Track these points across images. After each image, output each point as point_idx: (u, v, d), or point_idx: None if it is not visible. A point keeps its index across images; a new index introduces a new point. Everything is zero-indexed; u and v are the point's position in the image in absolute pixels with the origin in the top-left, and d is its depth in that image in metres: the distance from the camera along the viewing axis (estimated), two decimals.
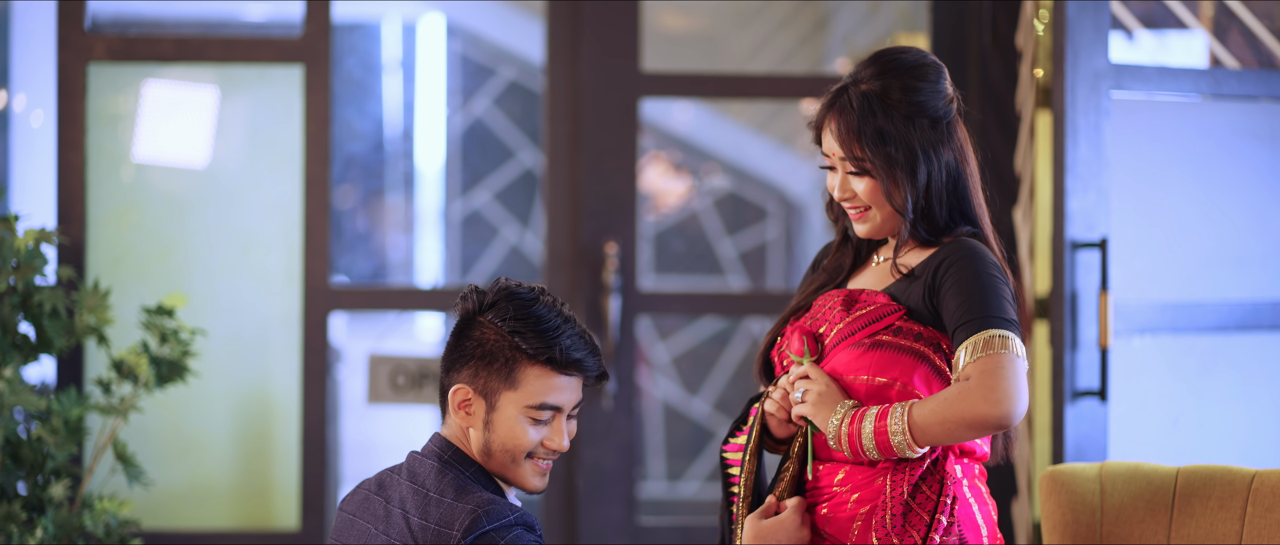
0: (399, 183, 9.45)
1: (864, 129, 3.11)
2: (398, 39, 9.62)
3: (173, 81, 5.24)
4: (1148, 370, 4.63)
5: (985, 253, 3.09)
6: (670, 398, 8.69)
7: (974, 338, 3.00)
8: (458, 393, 3.09)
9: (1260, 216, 4.79)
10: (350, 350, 8.21)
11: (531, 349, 3.05)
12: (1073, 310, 4.47)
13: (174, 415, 5.14)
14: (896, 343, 3.09)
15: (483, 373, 3.07)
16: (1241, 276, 4.75)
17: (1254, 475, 3.41)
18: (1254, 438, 4.72)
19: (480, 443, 3.09)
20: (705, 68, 8.17)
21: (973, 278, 3.04)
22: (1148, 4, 5.01)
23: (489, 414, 3.07)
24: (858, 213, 3.18)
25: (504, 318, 3.07)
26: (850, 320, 3.12)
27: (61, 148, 5.05)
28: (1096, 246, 4.47)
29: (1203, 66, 5.01)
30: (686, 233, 8.98)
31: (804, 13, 7.74)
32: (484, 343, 3.07)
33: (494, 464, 3.10)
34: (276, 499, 5.20)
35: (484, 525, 2.98)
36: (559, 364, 3.07)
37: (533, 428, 3.08)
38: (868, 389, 3.09)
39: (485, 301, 3.10)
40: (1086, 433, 4.46)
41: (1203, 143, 4.75)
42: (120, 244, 5.13)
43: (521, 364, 3.06)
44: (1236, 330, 4.71)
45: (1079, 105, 4.48)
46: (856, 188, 3.16)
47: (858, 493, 3.12)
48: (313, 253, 5.10)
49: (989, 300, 3.02)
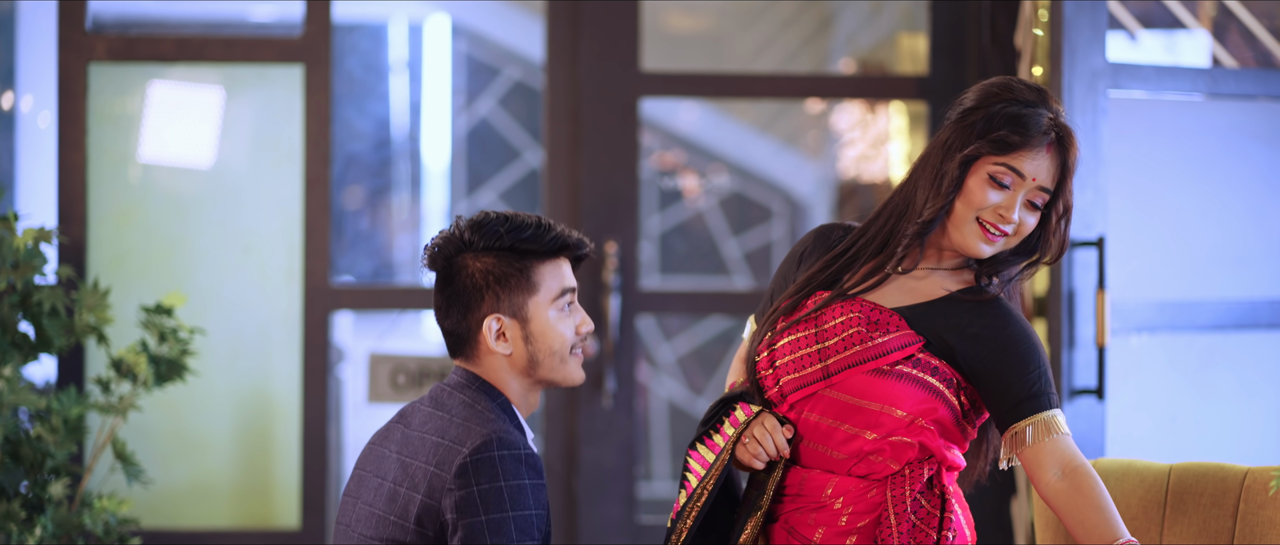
0: (405, 182, 9.46)
1: (1072, 169, 3.14)
2: (404, 39, 9.63)
3: (178, 82, 5.26)
4: (1146, 368, 4.63)
5: (1027, 324, 3.15)
6: (675, 397, 8.69)
7: (1033, 420, 3.09)
8: (490, 325, 3.12)
9: (1258, 215, 4.79)
10: (355, 349, 8.23)
11: (536, 247, 3.12)
12: (1070, 309, 4.48)
13: (175, 414, 5.15)
14: (914, 375, 3.12)
15: (504, 294, 3.12)
16: (1239, 275, 4.75)
17: (1246, 472, 3.42)
18: (1252, 436, 4.73)
19: (525, 359, 3.14)
20: (709, 67, 8.18)
21: (1028, 354, 3.10)
22: (1147, 4, 5.02)
23: (525, 328, 3.13)
24: (1005, 240, 3.15)
25: (491, 239, 3.12)
26: (871, 346, 3.12)
27: (62, 148, 5.07)
28: (1094, 245, 4.48)
29: (1203, 66, 5.01)
30: (692, 233, 8.99)
31: (808, 13, 7.75)
32: (486, 271, 3.12)
33: (541, 372, 3.15)
34: (277, 498, 5.21)
35: (492, 449, 3.02)
36: (559, 248, 3.14)
37: (564, 320, 3.14)
38: (895, 421, 3.11)
39: (458, 241, 3.14)
40: (1084, 431, 4.47)
41: (1201, 142, 4.75)
42: (122, 243, 5.15)
43: (533, 265, 3.13)
44: (1234, 329, 4.71)
45: (1076, 104, 4.48)
46: (1029, 221, 3.14)
47: (852, 506, 3.13)
48: (313, 252, 5.11)
49: (1042, 378, 3.11)
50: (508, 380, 3.16)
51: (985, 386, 3.10)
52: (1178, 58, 5.09)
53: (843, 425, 3.13)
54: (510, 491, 3.01)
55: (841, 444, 3.13)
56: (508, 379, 3.16)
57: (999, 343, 3.09)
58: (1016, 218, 3.11)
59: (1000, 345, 3.09)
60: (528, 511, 3.02)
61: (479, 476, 3.02)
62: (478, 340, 3.15)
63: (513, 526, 3.00)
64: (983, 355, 3.09)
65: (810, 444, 3.16)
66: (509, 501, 3.01)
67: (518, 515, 3.01)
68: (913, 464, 3.12)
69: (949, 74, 5.26)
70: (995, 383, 3.09)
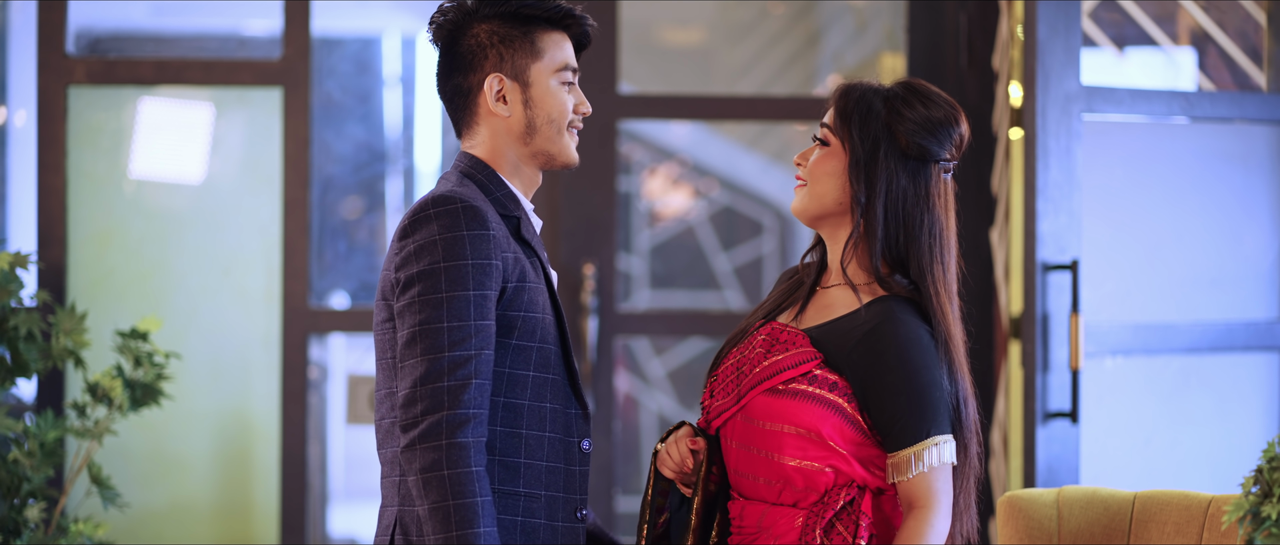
0: (400, 198, 9.48)
1: (859, 106, 3.15)
2: (397, 53, 9.65)
3: (167, 98, 5.26)
4: (1120, 391, 4.63)
5: (916, 336, 3.09)
6: (665, 411, 8.70)
7: (914, 449, 3.06)
8: (491, 84, 3.14)
9: (1234, 237, 4.79)
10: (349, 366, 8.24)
11: (539, 12, 3.15)
12: (1044, 332, 4.48)
13: (155, 436, 5.16)
14: (810, 392, 3.09)
15: (507, 55, 3.14)
16: (1215, 297, 4.75)
17: (1210, 500, 3.42)
18: (1227, 459, 4.73)
19: (523, 124, 3.16)
20: (698, 81, 8.19)
21: (908, 375, 3.06)
22: (1126, 27, 5.02)
23: (526, 92, 3.15)
24: (800, 183, 3.21)
25: (497, 4, 3.15)
26: (766, 365, 3.12)
27: (42, 170, 5.08)
28: (1067, 268, 4.48)
29: (1186, 88, 5.01)
30: (683, 247, 9.00)
31: (796, 30, 7.76)
32: (491, 31, 3.14)
33: (538, 141, 3.17)
34: (256, 519, 5.21)
35: (428, 208, 3.03)
36: (562, 16, 3.17)
37: (564, 93, 3.18)
38: (796, 441, 3.09)
39: (464, 9, 3.16)
40: (1058, 454, 4.47)
41: (1176, 164, 4.76)
42: (101, 266, 5.15)
43: (539, 32, 3.16)
44: (1209, 351, 4.71)
45: (1050, 128, 4.48)
46: (813, 156, 3.19)
47: (780, 537, 3.10)
48: (292, 274, 5.12)
49: (924, 402, 3.06)
50: (504, 148, 3.17)
51: (867, 408, 3.11)
52: (1171, 77, 5.09)
53: (753, 449, 3.12)
54: (444, 243, 3.01)
55: (762, 471, 3.12)
56: (505, 147, 3.17)
57: (876, 369, 3.08)
58: (804, 157, 3.22)
59: (876, 371, 3.08)
60: (463, 261, 3.01)
61: (415, 234, 3.02)
62: (477, 103, 3.17)
63: (443, 277, 2.99)
64: (860, 376, 3.09)
65: (739, 473, 3.16)
66: (443, 253, 3.00)
67: (450, 266, 3.00)
68: (831, 490, 3.10)
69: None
70: (871, 406, 3.10)
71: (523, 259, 3.11)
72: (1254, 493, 2.97)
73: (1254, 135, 4.82)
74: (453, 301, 2.99)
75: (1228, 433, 4.74)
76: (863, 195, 3.14)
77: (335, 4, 8.68)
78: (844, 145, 3.16)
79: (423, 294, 3.00)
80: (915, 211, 3.14)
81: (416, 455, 2.97)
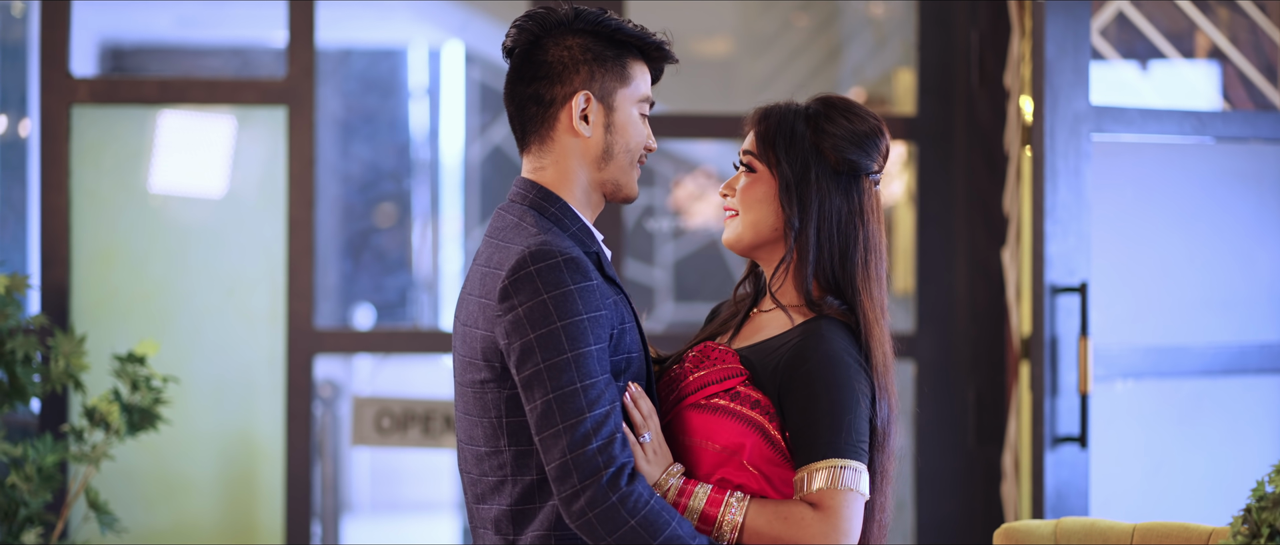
0: (425, 208, 9.49)
1: (781, 129, 3.11)
2: (424, 65, 9.66)
3: (189, 112, 5.23)
4: (1130, 415, 4.58)
5: (840, 355, 3.05)
6: None
7: (823, 466, 2.99)
8: (578, 101, 3.04)
9: (1246, 258, 4.73)
10: (366, 382, 8.23)
11: (633, 40, 3.07)
12: (1053, 355, 4.42)
13: (158, 457, 5.14)
14: (731, 408, 3.06)
15: (599, 75, 3.05)
16: (1226, 320, 4.69)
17: (1211, 532, 3.36)
18: (1238, 484, 4.66)
19: (601, 148, 3.06)
20: (720, 96, 8.16)
21: (825, 392, 3.01)
22: (1139, 44, 4.96)
23: (609, 116, 3.06)
24: (731, 214, 3.17)
25: (591, 22, 3.06)
26: (690, 381, 3.10)
27: (45, 190, 5.07)
28: (1076, 291, 4.43)
29: (1204, 107, 4.95)
30: (707, 260, 8.97)
31: (817, 42, 7.71)
32: (584, 46, 3.06)
33: (611, 170, 3.08)
34: (261, 541, 5.19)
35: (527, 264, 2.93)
36: (654, 47, 3.09)
37: (644, 125, 3.10)
38: (714, 457, 3.06)
39: (554, 19, 3.07)
40: (1067, 479, 4.42)
41: (1187, 184, 4.70)
42: (105, 285, 5.14)
43: (630, 58, 3.07)
44: (1221, 374, 4.65)
45: (1058, 148, 4.43)
46: (740, 184, 3.15)
47: None
48: (297, 295, 5.10)
49: (840, 422, 3.01)
50: (575, 172, 3.08)
51: (786, 425, 3.06)
52: (1190, 95, 5.02)
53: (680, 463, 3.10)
54: (554, 302, 2.92)
55: None
56: (576, 170, 3.08)
57: (793, 383, 3.03)
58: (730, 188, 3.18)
59: (793, 384, 3.03)
60: (578, 317, 2.92)
61: (519, 295, 2.93)
62: (557, 117, 3.06)
63: (564, 337, 2.91)
64: (779, 391, 3.05)
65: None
66: (555, 312, 2.92)
67: (567, 324, 2.91)
68: None
69: (937, 114, 5.22)
70: (789, 423, 3.04)
71: (619, 300, 3.04)
72: (1243, 530, 2.91)
73: (1266, 155, 4.76)
74: (578, 361, 2.92)
75: (1240, 457, 4.68)
76: (796, 220, 3.11)
77: (361, 15, 8.68)
78: (772, 170, 3.13)
79: (547, 360, 2.92)
80: (849, 229, 3.13)
81: (595, 524, 2.92)
